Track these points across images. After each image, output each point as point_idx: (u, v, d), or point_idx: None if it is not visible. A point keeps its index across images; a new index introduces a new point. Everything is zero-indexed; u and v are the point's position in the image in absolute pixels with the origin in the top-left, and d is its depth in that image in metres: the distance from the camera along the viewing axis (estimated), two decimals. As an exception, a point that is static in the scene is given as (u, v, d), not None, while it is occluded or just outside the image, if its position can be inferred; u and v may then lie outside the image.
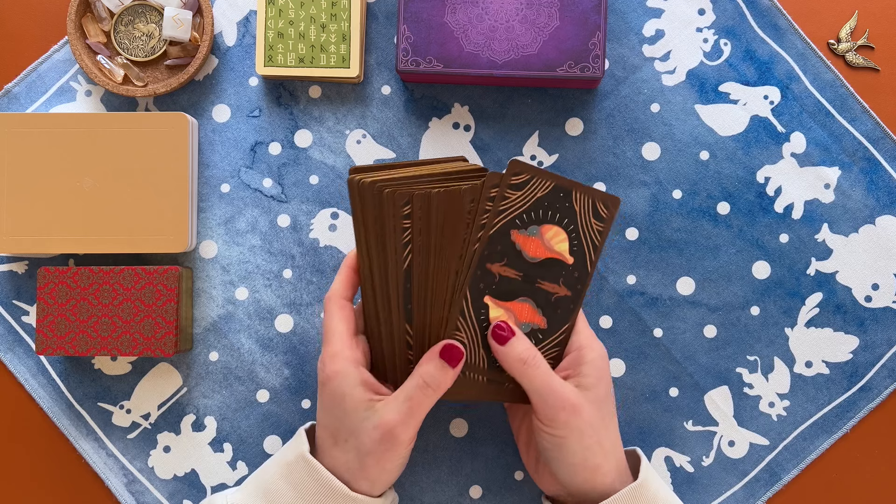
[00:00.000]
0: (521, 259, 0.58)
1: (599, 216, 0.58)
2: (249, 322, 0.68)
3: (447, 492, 0.67)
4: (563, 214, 0.58)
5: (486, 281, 0.57)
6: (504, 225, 0.57)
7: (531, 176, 0.57)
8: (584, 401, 0.56)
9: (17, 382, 0.69)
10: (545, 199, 0.57)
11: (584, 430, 0.56)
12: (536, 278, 0.58)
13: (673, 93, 0.69)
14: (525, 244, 0.58)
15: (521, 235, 0.58)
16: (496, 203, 0.57)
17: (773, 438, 0.67)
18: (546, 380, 0.56)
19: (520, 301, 0.58)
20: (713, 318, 0.68)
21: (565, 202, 0.58)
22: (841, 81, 0.69)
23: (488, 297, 0.58)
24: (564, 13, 0.65)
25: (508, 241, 0.57)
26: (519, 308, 0.58)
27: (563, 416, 0.56)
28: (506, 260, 0.57)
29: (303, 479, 0.57)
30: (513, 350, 0.57)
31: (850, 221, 0.68)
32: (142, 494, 0.68)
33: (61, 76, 0.70)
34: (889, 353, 0.68)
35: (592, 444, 0.56)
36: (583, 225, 0.58)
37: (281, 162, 0.69)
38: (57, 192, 0.66)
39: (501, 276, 0.58)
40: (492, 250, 0.57)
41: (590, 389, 0.57)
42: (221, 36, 0.70)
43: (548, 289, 0.58)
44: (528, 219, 0.57)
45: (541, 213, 0.58)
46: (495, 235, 0.57)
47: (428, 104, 0.69)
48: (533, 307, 0.58)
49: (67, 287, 0.64)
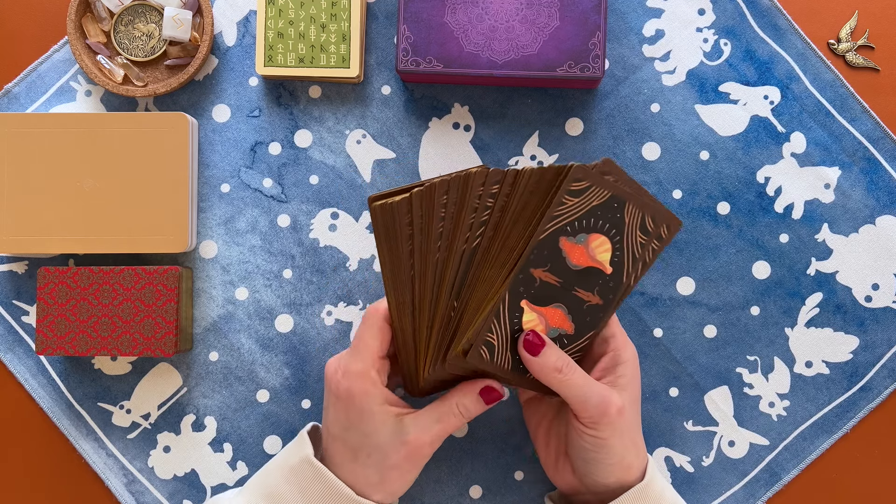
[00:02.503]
0: (563, 265, 0.57)
1: (646, 230, 0.58)
2: (249, 322, 0.68)
3: (447, 492, 0.67)
4: (612, 225, 0.57)
5: (527, 285, 0.57)
6: (555, 231, 0.56)
7: (591, 184, 0.56)
8: (625, 402, 0.57)
9: (17, 382, 0.69)
10: (599, 209, 0.57)
11: (625, 431, 0.57)
12: (574, 286, 0.58)
13: (673, 93, 0.69)
14: (571, 251, 0.57)
15: (568, 243, 0.57)
16: (552, 208, 0.56)
17: (773, 438, 0.67)
18: (586, 383, 0.57)
19: (554, 307, 0.58)
20: (713, 318, 0.68)
21: (617, 213, 0.57)
22: (841, 81, 0.69)
23: (525, 301, 0.57)
24: (564, 13, 0.65)
25: (556, 248, 0.57)
26: (551, 313, 0.58)
27: (608, 418, 0.56)
28: (549, 266, 0.57)
29: (308, 483, 0.56)
30: (547, 360, 0.57)
31: (850, 221, 0.68)
32: (142, 494, 0.68)
33: (61, 76, 0.70)
34: (889, 353, 0.68)
35: (629, 443, 0.57)
36: (628, 236, 0.58)
37: (281, 162, 0.69)
38: (57, 192, 0.66)
39: (542, 281, 0.57)
40: (538, 255, 0.56)
41: (626, 390, 0.58)
42: (221, 36, 0.70)
43: (582, 296, 0.58)
44: (578, 226, 0.57)
45: (591, 222, 0.57)
46: (544, 241, 0.56)
47: (428, 104, 0.69)
48: (564, 313, 0.58)
49: (67, 287, 0.64)
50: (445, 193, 0.56)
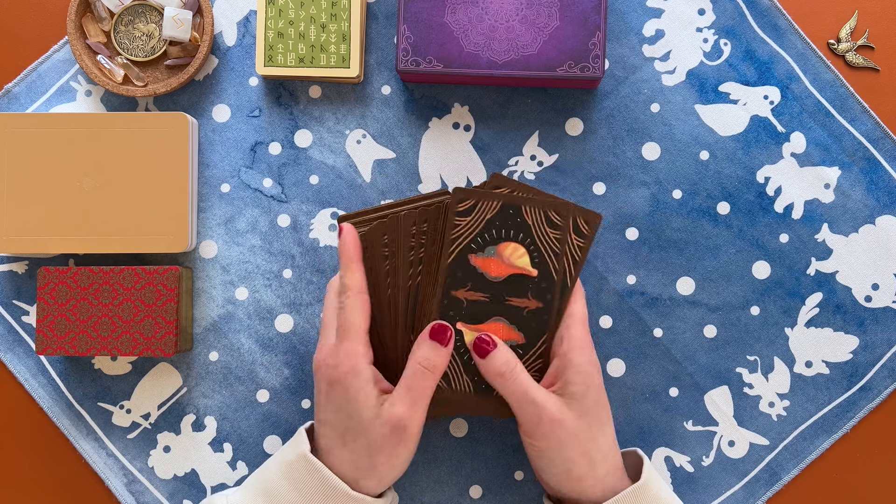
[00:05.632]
0: (485, 280, 0.58)
1: (553, 224, 0.58)
2: (249, 322, 0.68)
3: (447, 492, 0.67)
4: (517, 230, 0.58)
5: (455, 308, 0.58)
6: (461, 252, 0.58)
7: (476, 200, 0.58)
8: (567, 413, 0.56)
9: (17, 382, 0.69)
10: (496, 219, 0.58)
11: (566, 442, 0.56)
12: (504, 296, 0.58)
13: (673, 93, 0.69)
14: (485, 266, 0.58)
15: (479, 258, 0.58)
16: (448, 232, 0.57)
17: (773, 438, 0.67)
18: (524, 391, 0.56)
19: (492, 321, 0.58)
20: (713, 318, 0.68)
21: (516, 218, 0.58)
22: (841, 81, 0.69)
23: (460, 323, 0.58)
24: (564, 13, 0.65)
25: (469, 266, 0.58)
26: (493, 328, 0.58)
27: (542, 428, 0.55)
28: (470, 284, 0.58)
29: (304, 478, 0.56)
30: (493, 363, 0.57)
31: (850, 221, 0.68)
32: (142, 494, 0.68)
33: (61, 76, 0.70)
34: (889, 353, 0.68)
35: (575, 455, 0.56)
36: (538, 236, 0.58)
37: (281, 162, 0.69)
38: (57, 192, 0.66)
39: (469, 301, 0.58)
40: (454, 278, 0.58)
41: (575, 399, 0.56)
42: (221, 36, 0.70)
43: (518, 304, 0.58)
44: (482, 241, 0.58)
45: (494, 233, 0.58)
46: (454, 263, 0.58)
47: (428, 104, 0.69)
48: (507, 325, 0.58)
49: (67, 287, 0.64)
50: (384, 235, 0.59)
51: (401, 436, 0.56)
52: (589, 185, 0.69)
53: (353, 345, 0.57)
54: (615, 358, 0.68)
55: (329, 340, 0.59)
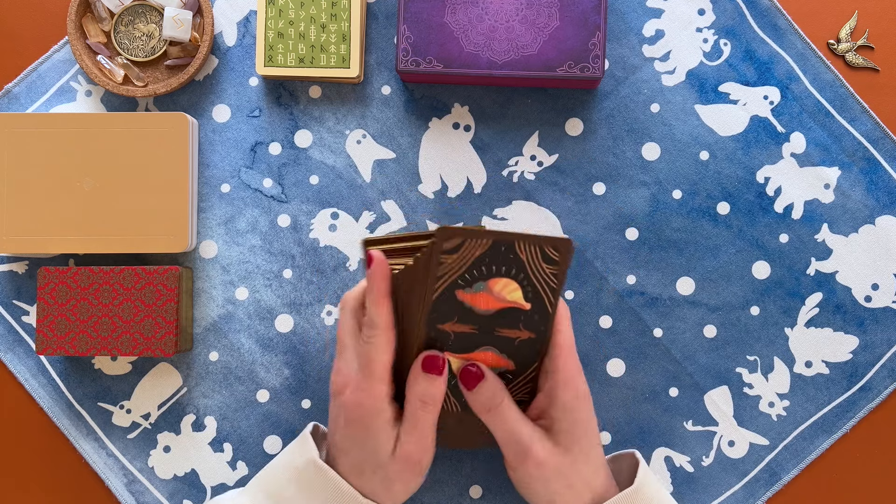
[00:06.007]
0: (472, 314, 0.55)
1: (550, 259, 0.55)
2: (249, 322, 0.68)
3: (447, 492, 0.67)
4: (508, 266, 0.55)
5: (442, 340, 0.55)
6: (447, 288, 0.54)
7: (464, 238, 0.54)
8: (551, 451, 0.55)
9: (17, 382, 0.69)
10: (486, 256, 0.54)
11: (550, 478, 0.56)
12: (494, 327, 0.56)
13: (673, 93, 0.69)
14: (473, 301, 0.55)
15: (467, 293, 0.55)
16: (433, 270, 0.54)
17: (773, 438, 0.67)
18: (511, 428, 0.55)
19: (482, 350, 0.56)
20: (713, 318, 0.68)
21: (509, 254, 0.54)
22: (841, 81, 0.69)
23: (448, 353, 0.56)
24: (564, 13, 0.65)
25: (455, 301, 0.55)
26: (482, 357, 0.56)
27: (527, 468, 0.55)
28: (457, 318, 0.55)
29: (313, 484, 0.56)
30: (480, 395, 0.55)
31: (849, 221, 0.68)
32: (142, 494, 0.68)
33: (61, 76, 0.70)
34: (889, 353, 0.68)
35: (560, 488, 0.56)
36: (533, 272, 0.55)
37: (281, 162, 0.69)
38: (57, 192, 0.66)
39: (456, 333, 0.55)
40: (440, 312, 0.55)
41: (561, 434, 0.56)
42: (221, 36, 0.70)
43: (509, 335, 0.56)
44: (470, 278, 0.55)
45: (484, 270, 0.55)
46: (440, 299, 0.54)
47: (428, 104, 0.69)
48: (497, 353, 0.56)
49: (67, 287, 0.64)
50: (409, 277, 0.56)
51: (415, 470, 0.56)
52: (589, 185, 0.69)
53: (377, 385, 0.56)
54: (615, 358, 0.68)
55: (348, 366, 0.57)
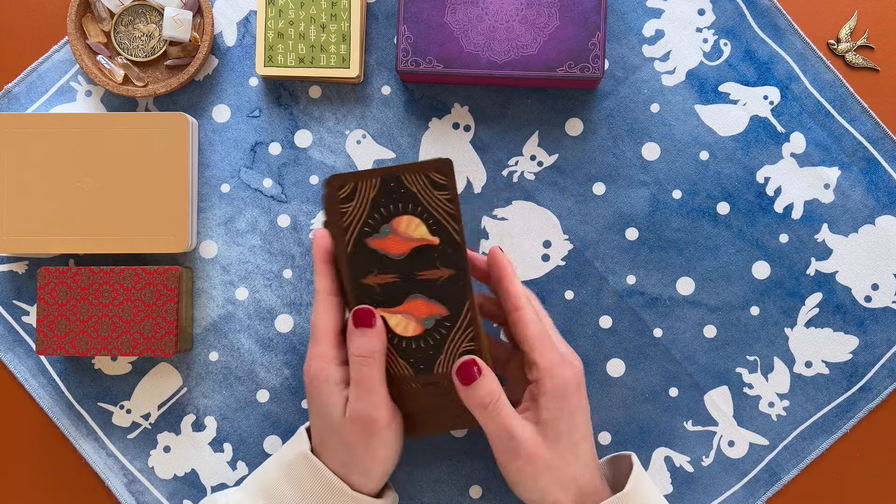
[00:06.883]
0: (388, 261, 0.56)
1: (438, 185, 0.55)
2: (249, 322, 0.68)
3: (447, 492, 0.67)
4: (405, 203, 0.55)
5: (370, 295, 0.56)
6: (357, 239, 0.55)
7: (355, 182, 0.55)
8: (541, 444, 0.55)
9: (17, 382, 0.69)
10: (381, 196, 0.55)
11: (542, 474, 0.56)
12: (413, 272, 0.56)
13: (673, 93, 0.69)
14: (385, 246, 0.56)
15: (377, 240, 0.56)
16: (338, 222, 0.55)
17: (773, 438, 0.67)
18: (503, 425, 0.55)
19: (411, 300, 0.56)
20: (713, 318, 0.68)
21: (400, 189, 0.55)
22: (841, 81, 0.69)
23: (380, 309, 0.56)
24: (564, 13, 0.65)
25: (369, 251, 0.55)
26: (413, 306, 0.56)
27: (518, 462, 0.56)
28: (377, 269, 0.56)
29: (304, 477, 0.57)
30: (475, 393, 0.55)
31: (849, 221, 0.68)
32: (142, 494, 0.68)
33: (61, 76, 0.70)
34: (889, 353, 0.68)
35: (550, 485, 0.56)
36: (429, 202, 0.55)
37: (281, 162, 0.69)
38: (57, 192, 0.66)
39: (380, 285, 0.56)
40: (359, 266, 0.55)
41: (548, 424, 0.56)
42: (221, 36, 0.70)
43: (429, 276, 0.56)
44: (374, 222, 0.55)
45: (383, 212, 0.55)
46: (355, 252, 0.55)
47: (428, 104, 0.69)
48: (426, 300, 0.56)
49: (67, 287, 0.64)
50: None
51: (370, 429, 0.55)
52: (589, 186, 0.69)
53: (321, 349, 0.57)
54: (615, 358, 0.68)
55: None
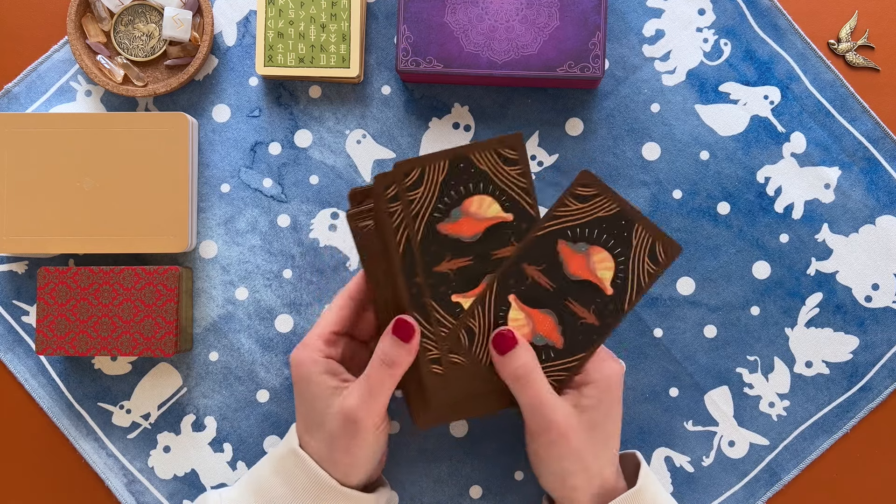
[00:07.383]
0: (559, 271, 0.54)
1: (655, 259, 0.54)
2: (249, 322, 0.68)
3: (447, 492, 0.67)
4: (617, 243, 0.53)
5: (517, 279, 0.54)
6: (553, 232, 0.53)
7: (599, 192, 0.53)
8: (575, 425, 0.55)
9: (17, 382, 0.69)
10: (605, 221, 0.53)
11: (569, 455, 0.55)
12: (567, 296, 0.54)
13: (673, 93, 0.69)
14: (569, 258, 0.54)
15: (567, 248, 0.54)
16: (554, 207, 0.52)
17: (773, 438, 0.67)
18: (538, 396, 0.55)
19: (543, 312, 0.55)
20: (713, 318, 0.68)
21: (624, 232, 0.53)
22: (841, 81, 0.69)
23: (513, 296, 0.54)
24: (564, 13, 0.65)
25: (553, 250, 0.54)
26: (540, 318, 0.55)
27: (549, 436, 0.55)
28: (544, 266, 0.54)
29: (292, 471, 0.57)
30: (510, 363, 0.55)
31: (850, 221, 0.68)
32: (142, 494, 0.68)
33: (61, 76, 0.70)
34: (889, 353, 0.68)
35: (575, 468, 0.55)
36: (634, 261, 0.54)
37: (281, 162, 0.69)
38: (57, 192, 0.66)
39: (533, 280, 0.54)
40: (533, 252, 0.54)
41: (586, 411, 0.56)
42: (221, 36, 0.70)
43: (577, 311, 0.55)
44: (580, 234, 0.53)
45: (595, 234, 0.53)
46: (541, 239, 0.53)
47: (428, 104, 0.69)
48: (554, 322, 0.55)
49: (67, 287, 0.64)
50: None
51: (354, 429, 0.54)
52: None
53: (312, 338, 0.58)
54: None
55: None
